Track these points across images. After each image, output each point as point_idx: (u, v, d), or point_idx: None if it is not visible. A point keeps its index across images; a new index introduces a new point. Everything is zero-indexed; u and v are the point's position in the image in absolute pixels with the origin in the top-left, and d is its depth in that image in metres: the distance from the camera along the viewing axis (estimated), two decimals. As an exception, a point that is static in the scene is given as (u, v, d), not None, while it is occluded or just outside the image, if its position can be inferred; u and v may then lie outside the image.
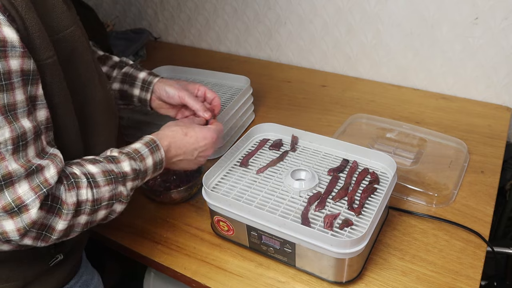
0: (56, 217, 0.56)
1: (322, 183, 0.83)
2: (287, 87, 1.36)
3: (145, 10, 1.74)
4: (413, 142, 1.04)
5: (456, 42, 1.17)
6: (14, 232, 0.52)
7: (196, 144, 0.78)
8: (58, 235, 0.57)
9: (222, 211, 0.79)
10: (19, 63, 0.51)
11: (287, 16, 1.40)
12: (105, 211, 0.62)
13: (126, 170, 0.64)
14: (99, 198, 0.60)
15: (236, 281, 0.78)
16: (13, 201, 0.51)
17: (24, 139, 0.52)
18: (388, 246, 0.82)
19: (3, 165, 0.50)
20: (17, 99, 0.51)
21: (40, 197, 0.53)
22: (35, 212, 0.52)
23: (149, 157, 0.69)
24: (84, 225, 0.60)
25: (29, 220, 0.52)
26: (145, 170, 0.68)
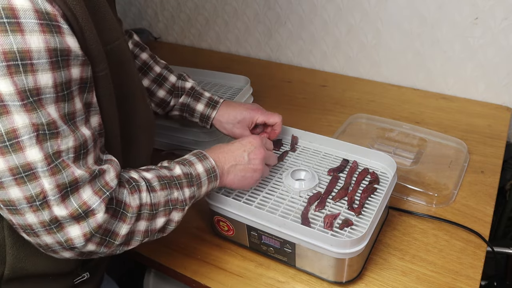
0: (120, 222, 0.55)
1: (322, 183, 0.83)
2: (287, 87, 1.36)
3: (145, 10, 1.74)
4: (413, 142, 1.04)
5: (456, 42, 1.17)
6: (80, 237, 0.52)
7: (242, 146, 0.75)
8: (121, 240, 0.56)
9: (222, 211, 0.79)
10: (79, 71, 0.51)
11: (287, 16, 1.40)
12: (163, 219, 0.61)
13: (178, 174, 0.64)
14: (157, 203, 0.60)
15: (236, 281, 0.78)
16: (80, 207, 0.51)
17: (85, 147, 0.52)
18: (388, 246, 0.82)
19: (70, 172, 0.50)
20: (76, 108, 0.51)
21: (104, 200, 0.53)
22: (101, 216, 0.52)
23: (198, 164, 0.68)
24: (144, 233, 0.59)
25: (95, 224, 0.52)
26: (198, 176, 0.67)
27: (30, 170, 0.47)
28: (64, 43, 0.48)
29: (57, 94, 0.48)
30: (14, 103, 0.45)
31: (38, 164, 0.48)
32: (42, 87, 0.46)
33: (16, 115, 0.46)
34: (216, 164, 0.70)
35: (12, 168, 0.47)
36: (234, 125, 0.89)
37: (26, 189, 0.48)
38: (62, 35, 0.48)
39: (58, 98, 0.48)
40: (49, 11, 0.46)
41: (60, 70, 0.48)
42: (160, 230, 0.62)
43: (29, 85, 0.45)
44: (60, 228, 0.51)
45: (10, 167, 0.47)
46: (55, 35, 0.47)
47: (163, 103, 0.92)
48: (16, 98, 0.45)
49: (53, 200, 0.49)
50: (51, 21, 0.46)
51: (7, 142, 0.46)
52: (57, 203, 0.49)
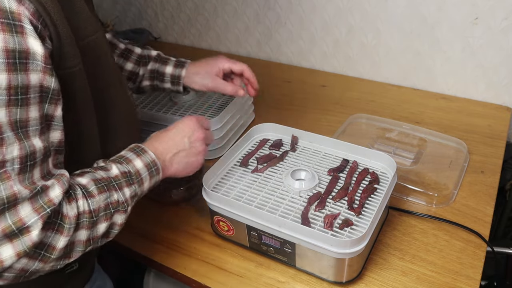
0: (57, 234, 0.51)
1: (322, 183, 0.83)
2: (287, 87, 1.36)
3: (145, 10, 1.74)
4: (413, 142, 1.04)
5: (456, 42, 1.17)
6: (13, 257, 0.47)
7: (181, 131, 0.72)
8: (59, 254, 0.52)
9: (222, 211, 0.79)
10: (39, 78, 0.48)
11: (287, 16, 1.40)
12: (105, 224, 0.58)
13: (116, 174, 0.60)
14: (96, 209, 0.56)
15: (236, 281, 0.78)
16: (14, 224, 0.47)
17: (33, 159, 0.49)
18: (388, 246, 0.82)
19: (8, 185, 0.46)
20: (30, 116, 0.48)
21: (43, 217, 0.49)
22: (36, 234, 0.48)
23: (137, 159, 0.64)
24: (86, 242, 0.56)
25: (30, 243, 0.48)
26: (137, 172, 0.63)
27: None
28: (24, 45, 0.46)
29: (10, 97, 0.45)
30: None
31: None
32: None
33: None
34: (156, 157, 0.66)
35: None
36: (204, 76, 0.91)
37: None
38: (23, 36, 0.46)
39: (10, 102, 0.46)
40: (13, 10, 0.45)
41: (16, 72, 0.45)
42: (104, 235, 0.59)
43: None
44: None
45: None
46: (15, 36, 0.45)
47: (132, 75, 0.92)
48: None
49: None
50: (13, 20, 0.45)
51: None
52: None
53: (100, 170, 0.60)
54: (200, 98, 1.16)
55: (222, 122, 1.04)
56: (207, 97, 1.17)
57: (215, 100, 1.15)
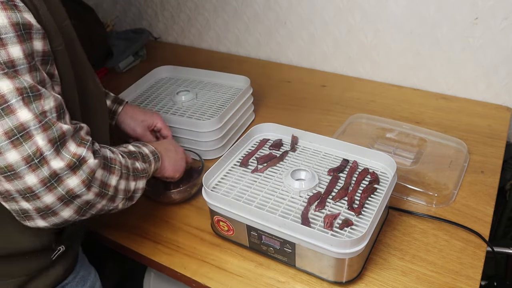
0: (110, 174, 0.61)
1: (322, 183, 0.83)
2: (287, 87, 1.36)
3: (145, 10, 1.74)
4: (413, 142, 1.04)
5: (456, 42, 1.17)
6: (80, 185, 0.56)
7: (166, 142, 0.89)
8: (113, 192, 0.62)
9: (222, 211, 0.79)
10: (41, 44, 0.54)
11: (287, 16, 1.40)
12: (134, 183, 0.68)
13: (133, 150, 0.73)
14: (128, 167, 0.67)
15: (236, 281, 0.78)
16: (73, 157, 0.55)
17: (62, 108, 0.56)
18: (388, 246, 0.82)
19: (58, 127, 0.54)
20: (44, 76, 0.55)
21: (89, 149, 0.57)
22: (92, 161, 0.57)
23: (143, 147, 0.77)
24: (124, 191, 0.65)
25: (89, 170, 0.56)
26: (147, 155, 0.75)
27: (24, 130, 0.51)
28: (24, 18, 0.52)
29: (29, 64, 0.52)
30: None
31: (31, 123, 0.51)
32: (15, 59, 0.50)
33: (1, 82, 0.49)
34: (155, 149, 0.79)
35: (7, 131, 0.50)
36: (137, 123, 0.96)
37: (23, 150, 0.51)
38: (21, 11, 0.51)
39: (31, 68, 0.52)
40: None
41: (26, 42, 0.52)
42: (131, 196, 0.68)
43: (3, 58, 0.49)
44: (60, 182, 0.54)
45: (5, 130, 0.50)
46: (16, 11, 0.51)
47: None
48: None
49: (49, 155, 0.52)
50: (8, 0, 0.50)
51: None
52: (54, 157, 0.53)
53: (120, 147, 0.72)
54: (200, 98, 1.16)
55: (222, 122, 1.04)
56: (207, 97, 1.17)
57: (215, 100, 1.15)
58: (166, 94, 1.20)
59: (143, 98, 1.19)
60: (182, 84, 1.25)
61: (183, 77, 1.28)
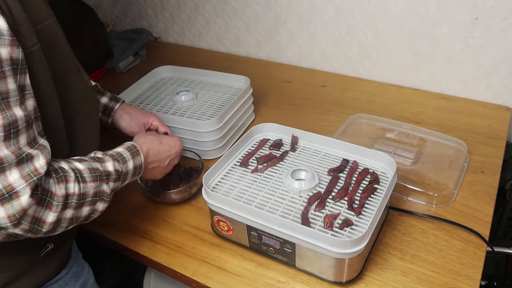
0: (47, 210, 0.57)
1: (322, 183, 0.83)
2: (287, 87, 1.36)
3: (145, 10, 1.74)
4: (413, 142, 1.04)
5: (456, 42, 1.17)
6: (5, 219, 0.53)
7: (169, 152, 0.84)
8: (48, 227, 0.58)
9: (222, 211, 0.79)
10: (8, 51, 0.51)
11: (287, 16, 1.40)
12: (88, 208, 0.64)
13: (110, 170, 0.68)
14: (85, 193, 0.62)
15: (236, 281, 0.78)
16: (4, 188, 0.51)
17: (16, 127, 0.53)
18: (388, 246, 0.82)
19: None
20: (9, 88, 0.52)
21: (30, 184, 0.53)
22: (26, 199, 0.53)
23: (131, 161, 0.73)
24: (70, 220, 0.62)
25: (19, 207, 0.53)
26: (126, 173, 0.72)
27: None
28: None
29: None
30: None
31: None
32: None
33: None
34: (144, 162, 0.76)
35: None
36: (133, 120, 0.96)
37: None
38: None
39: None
40: None
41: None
42: (85, 218, 0.65)
43: None
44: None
45: None
46: None
47: None
48: None
49: None
50: None
51: None
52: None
53: (96, 162, 0.67)
54: (200, 98, 1.16)
55: (222, 122, 1.04)
56: (207, 97, 1.17)
57: (215, 100, 1.15)
58: (166, 94, 1.20)
59: (143, 98, 1.19)
60: (182, 84, 1.25)
61: (183, 77, 1.28)
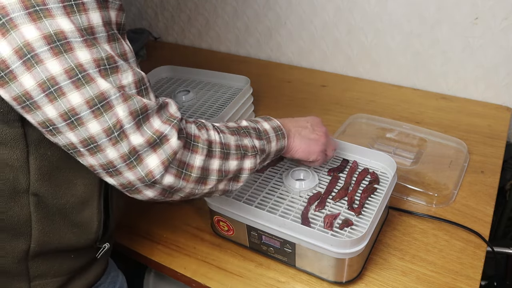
0: (193, 153, 0.56)
1: (322, 183, 0.83)
2: (287, 87, 1.36)
3: (145, 10, 1.74)
4: (413, 142, 1.04)
5: (456, 42, 1.17)
6: (159, 166, 0.52)
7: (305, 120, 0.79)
8: (197, 173, 0.57)
9: (222, 211, 0.79)
10: (115, 15, 0.51)
11: (287, 16, 1.40)
12: (236, 162, 0.62)
13: (246, 125, 0.67)
14: (227, 143, 0.61)
15: (236, 281, 0.78)
16: (154, 133, 0.51)
17: (144, 84, 0.53)
18: (388, 246, 0.82)
19: (139, 99, 0.51)
20: (126, 49, 0.52)
21: (175, 127, 0.53)
22: (175, 141, 0.53)
23: (264, 122, 0.70)
24: (218, 172, 0.60)
25: (170, 150, 0.53)
26: (265, 131, 0.69)
27: (104, 100, 0.48)
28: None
29: (108, 33, 0.49)
30: (76, 39, 0.46)
31: (111, 91, 0.48)
32: (95, 26, 0.48)
33: (79, 51, 0.46)
34: (282, 124, 0.72)
35: (89, 100, 0.47)
36: None
37: (104, 121, 0.48)
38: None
39: (109, 37, 0.49)
40: None
41: (104, 10, 0.49)
42: (234, 177, 0.63)
43: (84, 23, 0.47)
44: (140, 160, 0.51)
45: (87, 99, 0.47)
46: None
47: None
48: (77, 35, 0.46)
49: (129, 128, 0.49)
50: None
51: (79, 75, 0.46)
52: (133, 131, 0.50)
53: (231, 122, 0.67)
54: (200, 98, 1.16)
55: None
56: (207, 97, 1.17)
57: (215, 100, 1.15)
58: (166, 94, 1.20)
59: (143, 98, 1.19)
60: (182, 84, 1.25)
61: (183, 77, 1.28)
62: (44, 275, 0.64)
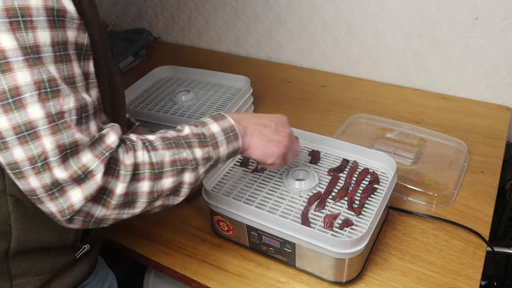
0: (116, 180, 0.53)
1: (322, 183, 0.83)
2: (287, 87, 1.36)
3: (145, 10, 1.74)
4: (413, 142, 1.04)
5: (456, 42, 1.17)
6: (82, 201, 0.51)
7: (269, 117, 0.72)
8: (118, 200, 0.54)
9: (222, 211, 0.79)
10: (75, 35, 0.50)
11: (287, 16, 1.40)
12: (171, 179, 0.58)
13: (187, 133, 0.61)
14: (159, 162, 0.57)
15: (236, 281, 0.78)
16: (79, 169, 0.50)
17: (86, 111, 0.52)
18: (388, 246, 0.82)
19: (70, 133, 0.49)
20: (75, 72, 0.51)
21: (104, 161, 0.52)
22: (100, 177, 0.51)
23: (213, 123, 0.63)
24: (149, 194, 0.56)
25: (96, 186, 0.51)
26: (212, 136, 0.62)
27: (32, 129, 0.47)
28: (60, 4, 0.48)
29: (55, 54, 0.48)
30: (17, 58, 0.45)
31: (39, 122, 0.47)
32: (41, 45, 0.47)
33: (19, 72, 0.46)
34: (235, 124, 0.65)
35: (15, 126, 0.47)
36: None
37: (29, 149, 0.47)
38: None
39: (56, 58, 0.49)
40: None
41: (57, 29, 0.48)
42: (172, 193, 0.60)
43: (29, 41, 0.46)
44: (62, 193, 0.50)
45: (13, 125, 0.47)
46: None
47: None
48: (19, 53, 0.45)
49: (54, 161, 0.48)
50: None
51: (10, 100, 0.46)
52: (58, 164, 0.49)
53: (172, 130, 0.62)
54: (200, 98, 1.16)
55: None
56: (207, 97, 1.17)
57: (215, 100, 1.15)
58: (166, 94, 1.20)
59: (143, 98, 1.19)
60: (182, 84, 1.25)
61: (183, 77, 1.28)
62: (26, 274, 0.64)
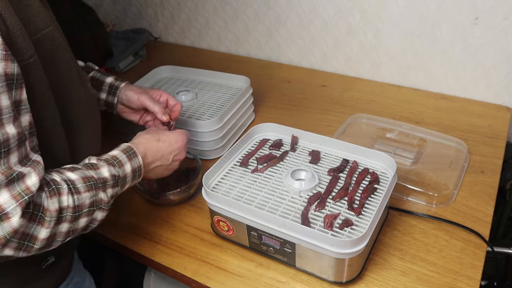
0: (38, 226, 0.54)
1: (322, 183, 0.83)
2: (287, 87, 1.36)
3: (145, 10, 1.74)
4: (413, 142, 1.04)
5: (456, 42, 1.17)
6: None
7: (170, 148, 0.79)
8: (41, 244, 0.55)
9: (222, 211, 0.79)
10: (2, 66, 0.49)
11: (287, 16, 1.40)
12: (86, 219, 0.61)
13: (106, 176, 0.64)
14: (80, 205, 0.59)
15: (236, 281, 0.78)
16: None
17: (7, 146, 0.51)
18: (388, 246, 0.82)
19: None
20: (2, 105, 0.50)
21: (21, 204, 0.51)
22: (16, 220, 0.50)
23: (127, 164, 0.69)
24: (66, 233, 0.59)
25: (10, 229, 0.50)
26: (124, 177, 0.68)
27: None
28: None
29: None
30: None
31: None
32: None
33: None
34: (143, 163, 0.72)
35: None
36: (142, 93, 0.89)
37: None
38: None
39: None
40: None
41: None
42: (83, 229, 0.62)
43: None
44: None
45: None
46: None
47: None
48: None
49: None
50: None
51: None
52: None
53: (90, 169, 0.63)
54: (200, 98, 1.16)
55: (222, 122, 1.04)
56: (207, 97, 1.17)
57: (215, 100, 1.15)
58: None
59: (143, 98, 1.19)
60: (182, 84, 1.25)
61: (183, 77, 1.28)
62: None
